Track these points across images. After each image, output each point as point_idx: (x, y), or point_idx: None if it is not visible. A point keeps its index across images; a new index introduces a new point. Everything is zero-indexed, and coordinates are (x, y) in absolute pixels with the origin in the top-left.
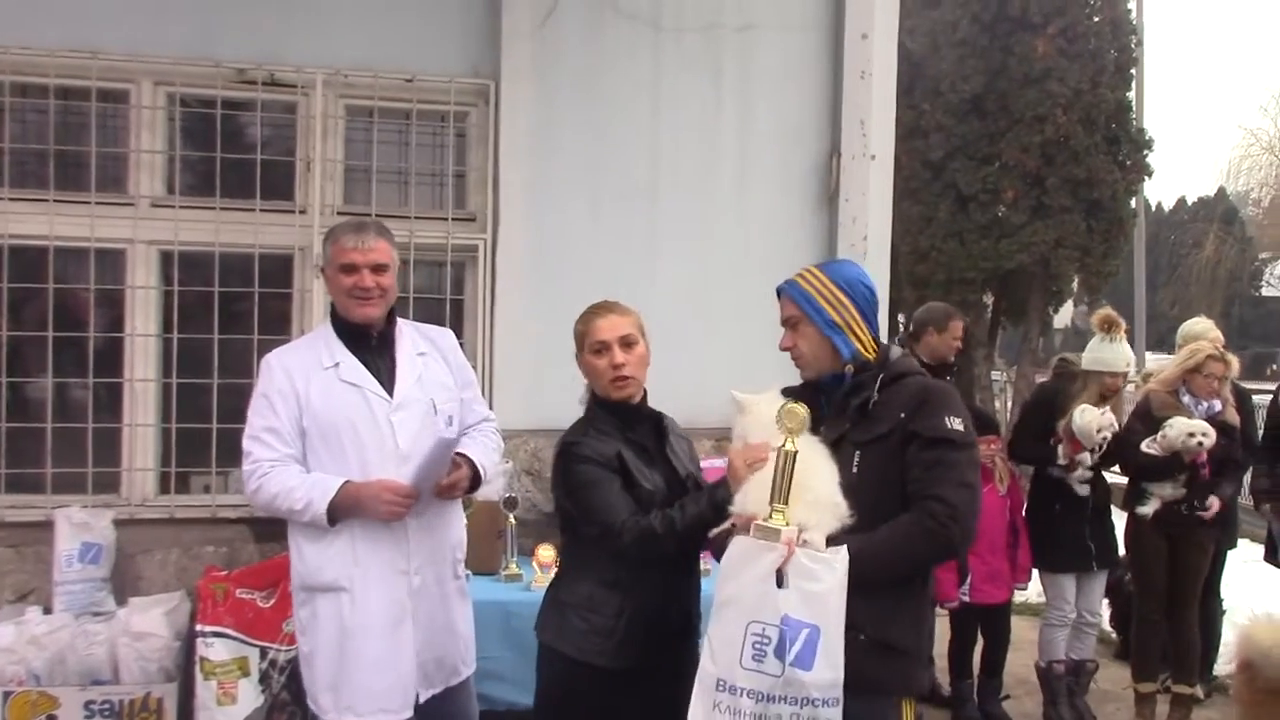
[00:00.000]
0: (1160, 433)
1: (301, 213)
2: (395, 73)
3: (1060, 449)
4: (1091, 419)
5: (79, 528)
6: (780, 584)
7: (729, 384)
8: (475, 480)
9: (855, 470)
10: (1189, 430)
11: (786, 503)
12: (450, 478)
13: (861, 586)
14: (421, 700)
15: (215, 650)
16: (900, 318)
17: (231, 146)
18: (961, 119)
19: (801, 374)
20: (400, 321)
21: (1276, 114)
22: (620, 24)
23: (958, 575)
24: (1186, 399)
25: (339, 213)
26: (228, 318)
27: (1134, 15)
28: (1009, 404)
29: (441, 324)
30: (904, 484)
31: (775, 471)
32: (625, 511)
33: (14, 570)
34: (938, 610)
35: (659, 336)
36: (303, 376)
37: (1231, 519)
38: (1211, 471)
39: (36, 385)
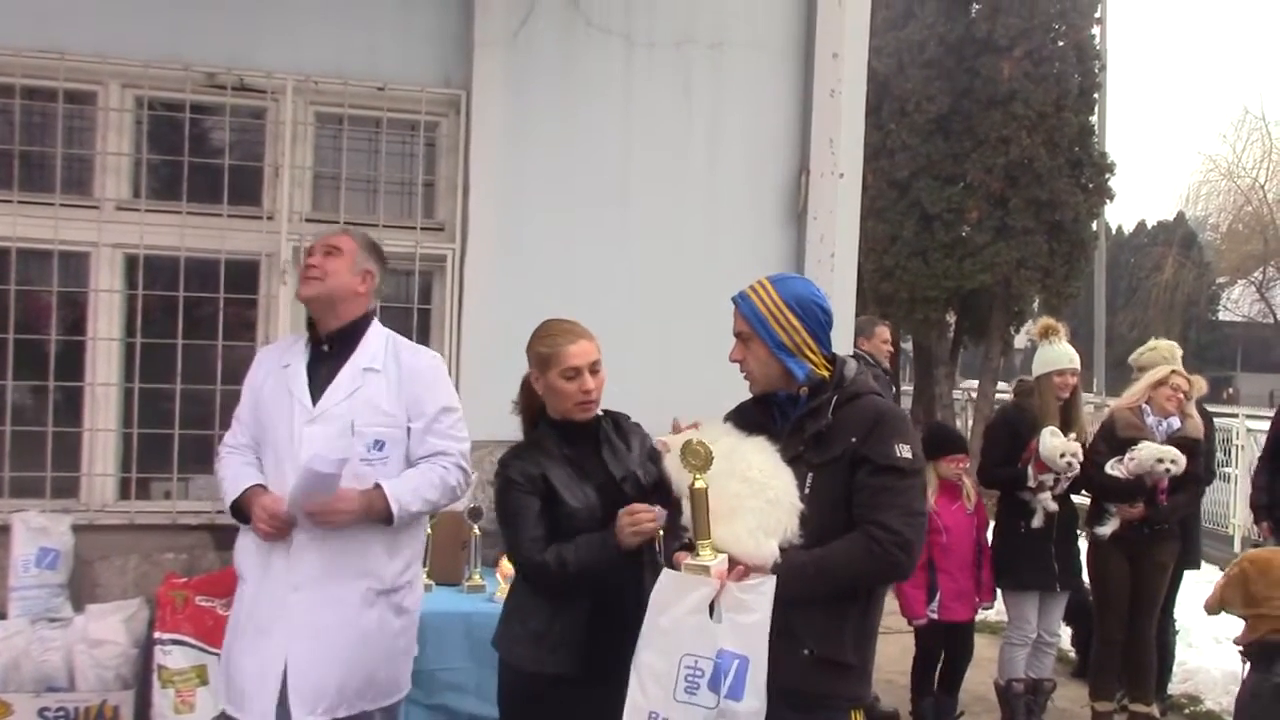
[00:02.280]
0: (1129, 455)
1: (269, 219)
2: (366, 80)
3: (1029, 470)
4: (1056, 445)
5: (36, 532)
6: (713, 617)
7: (696, 398)
8: (383, 516)
9: (808, 491)
10: (1158, 456)
11: (710, 538)
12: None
13: (803, 598)
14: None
15: (174, 658)
16: None
17: (199, 151)
18: (927, 139)
19: (750, 389)
20: (376, 331)
21: (1235, 140)
22: (593, 37)
23: (926, 593)
24: (1150, 418)
25: (307, 219)
26: (192, 323)
27: (1098, 40)
28: (970, 422)
29: (408, 334)
30: (850, 506)
31: (692, 509)
32: (527, 543)
33: None
34: (904, 627)
35: (626, 349)
36: (264, 371)
37: (1194, 539)
38: (1172, 486)
39: None
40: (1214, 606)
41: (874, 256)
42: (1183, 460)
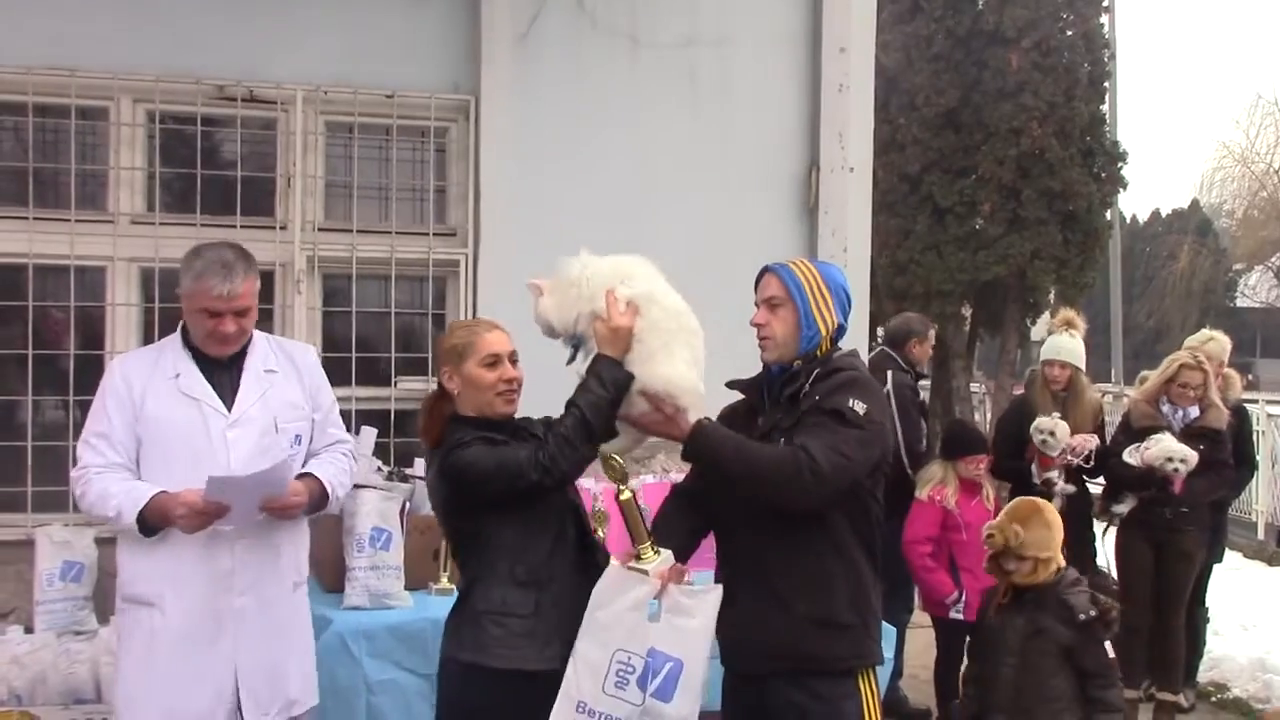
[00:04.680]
0: (1144, 445)
1: (282, 229)
2: (375, 89)
3: (1033, 468)
4: (1035, 424)
5: (60, 546)
6: (653, 617)
7: (708, 394)
8: (320, 502)
9: None
10: (1168, 455)
11: (649, 541)
12: (282, 500)
13: (709, 465)
14: None
15: None
16: (880, 330)
17: (211, 163)
18: (937, 132)
19: (764, 355)
20: (257, 336)
21: (1249, 126)
22: (599, 39)
23: (949, 576)
24: (1166, 407)
25: (320, 229)
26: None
27: (1106, 29)
28: (988, 415)
29: (423, 339)
30: None
31: (625, 518)
32: (524, 450)
33: None
34: (917, 622)
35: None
36: (141, 383)
37: (1219, 530)
38: (1194, 472)
39: (17, 403)
40: None
41: (887, 251)
42: (1193, 459)
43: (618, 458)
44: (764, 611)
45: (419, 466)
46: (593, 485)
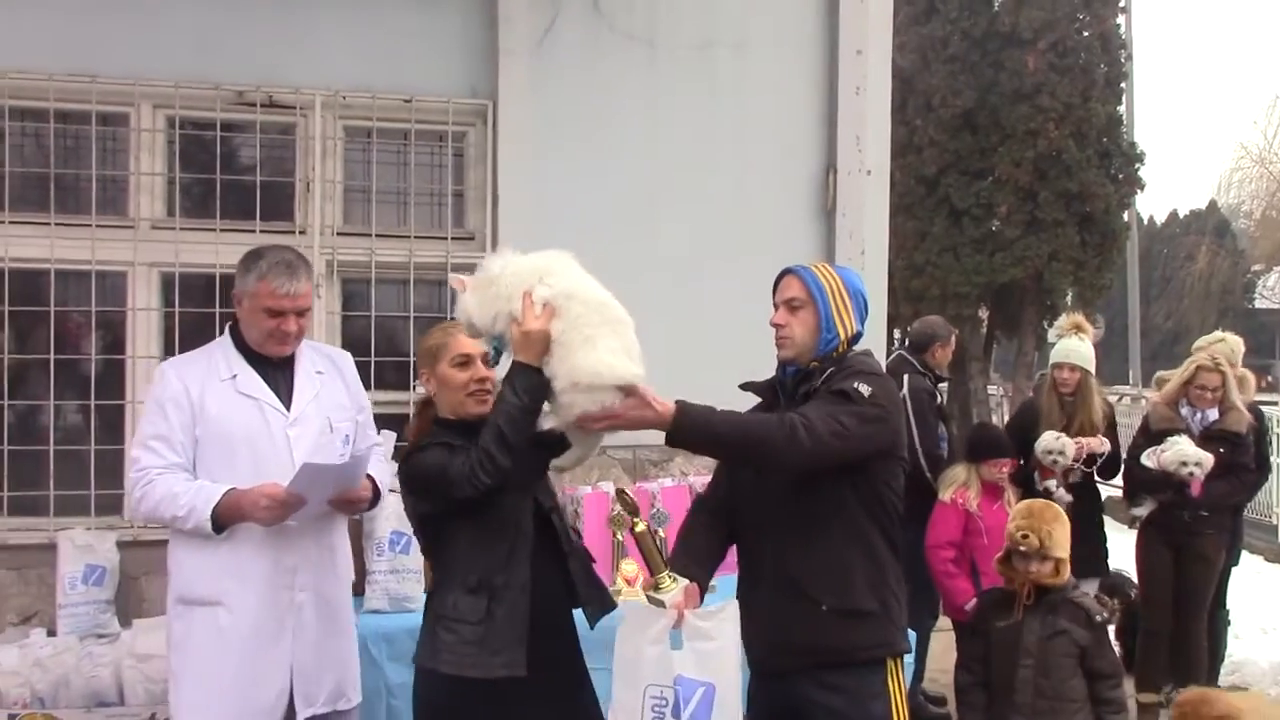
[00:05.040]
0: (1161, 448)
1: (301, 233)
2: (393, 93)
3: (1035, 475)
4: (1041, 442)
5: (82, 550)
6: (675, 645)
7: (727, 398)
8: (375, 500)
9: None
10: (1182, 459)
11: (666, 570)
12: (355, 493)
13: (705, 439)
14: (300, 717)
15: None
16: (897, 333)
17: (231, 168)
18: (954, 134)
19: (781, 353)
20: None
21: (1267, 127)
22: (616, 42)
23: (970, 583)
24: (1185, 410)
25: (339, 233)
26: None
27: (1123, 30)
28: (1005, 418)
29: None
30: (848, 469)
31: (640, 549)
32: (458, 458)
33: (17, 593)
34: (939, 624)
35: (657, 352)
36: (198, 385)
37: (1236, 533)
38: (1212, 474)
39: (39, 408)
40: None
41: (904, 253)
42: (1208, 462)
43: (629, 495)
44: (785, 607)
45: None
46: (653, 487)
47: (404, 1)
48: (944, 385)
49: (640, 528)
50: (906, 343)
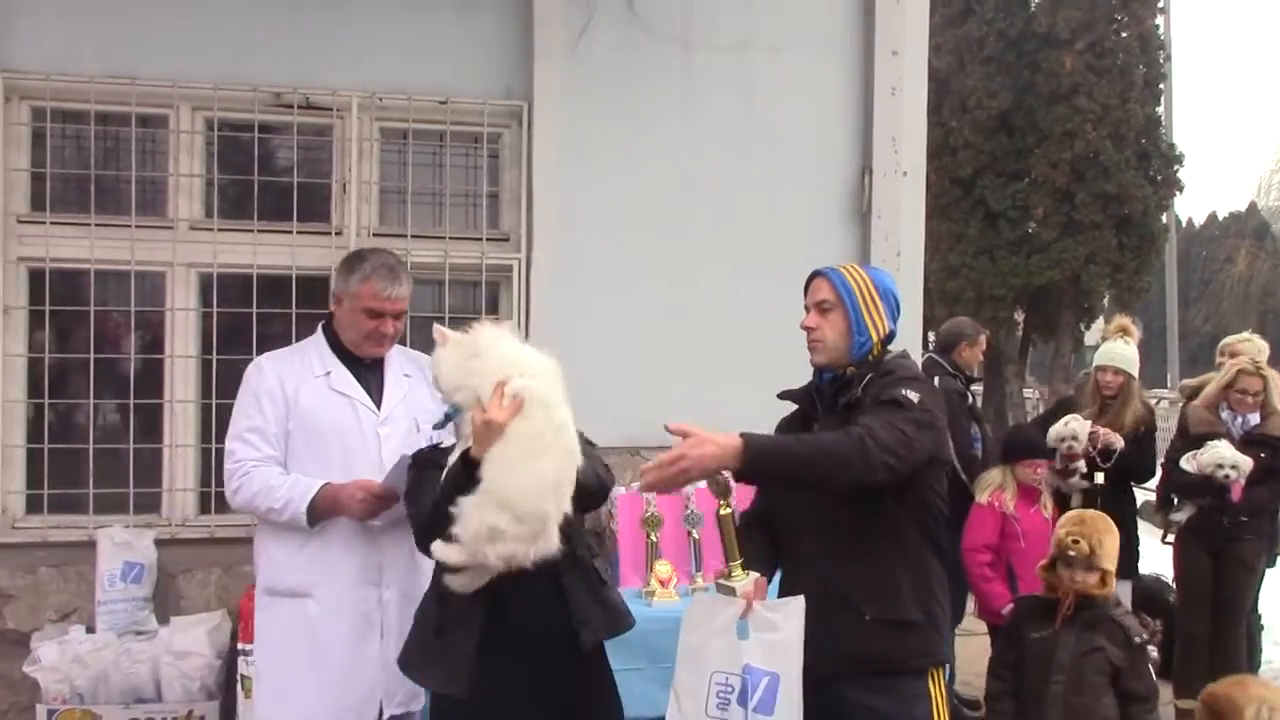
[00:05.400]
0: (1199, 451)
1: (338, 234)
2: (429, 95)
3: (1058, 458)
4: (1054, 430)
5: (121, 547)
6: (742, 635)
7: (762, 402)
8: None
9: None
10: (1219, 461)
11: (739, 560)
12: None
13: (783, 473)
14: (385, 715)
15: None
16: (931, 335)
17: (268, 169)
18: (990, 136)
19: (814, 357)
20: None
21: None
22: (651, 44)
23: (1006, 587)
24: (1225, 414)
25: (375, 234)
26: (265, 339)
27: (1162, 30)
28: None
29: None
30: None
31: (721, 533)
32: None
33: (57, 590)
34: (971, 629)
35: (691, 350)
36: (293, 380)
37: (1274, 537)
38: (1252, 480)
39: (78, 407)
40: None
41: (939, 255)
42: (1246, 466)
43: (724, 475)
44: (831, 616)
45: None
46: (688, 489)
47: (440, 3)
48: (976, 386)
49: (725, 511)
50: (933, 345)
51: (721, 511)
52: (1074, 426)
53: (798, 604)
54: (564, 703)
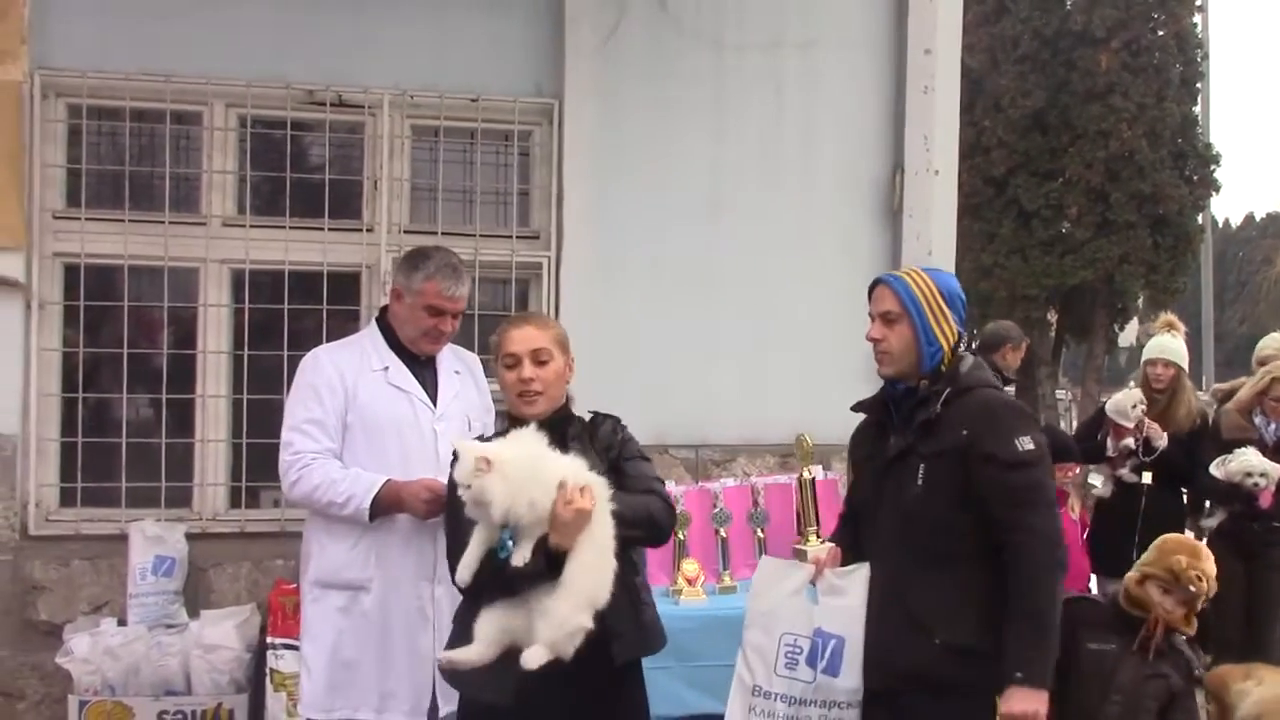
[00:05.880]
0: (1228, 458)
1: (369, 231)
2: (460, 92)
3: (1108, 441)
4: (1123, 397)
5: (152, 541)
6: (811, 599)
7: (791, 396)
8: None
9: (920, 483)
10: (1247, 470)
11: (815, 525)
12: None
13: (1048, 655)
14: (442, 713)
15: (285, 662)
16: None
17: (300, 166)
18: (1023, 135)
19: (880, 369)
20: None
21: None
22: (683, 42)
23: None
24: (1259, 419)
25: (405, 231)
26: (296, 335)
27: (1200, 28)
28: (1074, 423)
29: None
30: (967, 497)
31: (800, 499)
32: (459, 539)
33: (90, 582)
34: None
35: (721, 350)
36: (352, 373)
37: None
38: None
39: (112, 401)
40: None
41: (971, 255)
42: (1275, 473)
43: (809, 438)
44: (901, 636)
45: None
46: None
47: (471, 1)
48: (1011, 386)
49: (808, 476)
50: (975, 345)
51: (803, 477)
52: (1128, 404)
53: (863, 571)
54: (594, 716)
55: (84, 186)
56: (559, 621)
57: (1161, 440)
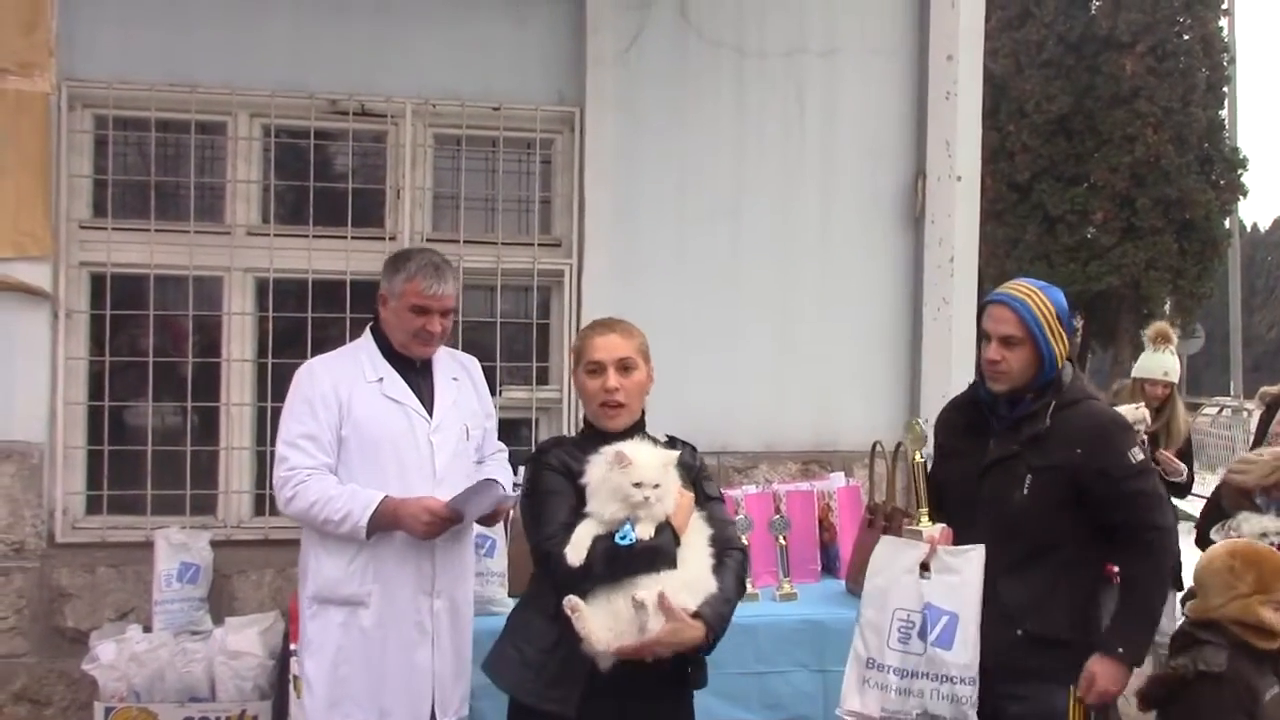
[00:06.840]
0: (1232, 525)
1: (391, 239)
2: (482, 101)
3: None
4: (1128, 414)
5: (178, 548)
6: (924, 576)
7: (813, 406)
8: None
9: (1026, 491)
10: (1261, 532)
11: (926, 506)
12: (504, 507)
13: (1153, 623)
14: None
15: None
16: None
17: (323, 175)
18: (1048, 140)
19: (993, 384)
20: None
21: None
22: (704, 49)
23: None
24: (1260, 499)
25: (428, 240)
26: (320, 343)
27: (1226, 32)
28: None
29: (528, 349)
30: (1071, 505)
31: (914, 481)
32: (555, 527)
33: (115, 589)
34: None
35: (742, 359)
36: (346, 386)
37: None
38: None
39: (137, 409)
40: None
41: (995, 261)
42: None
43: (919, 425)
44: (988, 624)
45: (521, 475)
46: (737, 494)
47: (493, 10)
48: None
49: (919, 459)
50: None
51: (915, 459)
52: (1141, 413)
53: (978, 551)
54: None
55: (110, 196)
56: (674, 588)
57: (1180, 474)
